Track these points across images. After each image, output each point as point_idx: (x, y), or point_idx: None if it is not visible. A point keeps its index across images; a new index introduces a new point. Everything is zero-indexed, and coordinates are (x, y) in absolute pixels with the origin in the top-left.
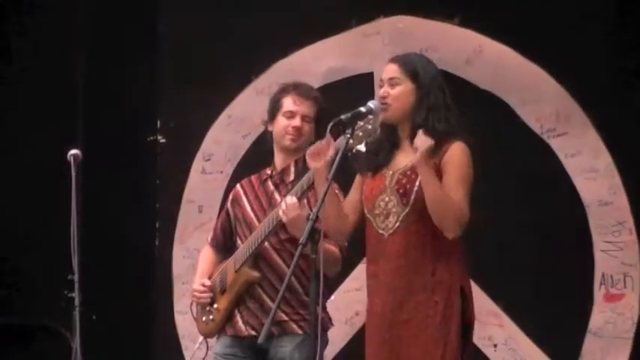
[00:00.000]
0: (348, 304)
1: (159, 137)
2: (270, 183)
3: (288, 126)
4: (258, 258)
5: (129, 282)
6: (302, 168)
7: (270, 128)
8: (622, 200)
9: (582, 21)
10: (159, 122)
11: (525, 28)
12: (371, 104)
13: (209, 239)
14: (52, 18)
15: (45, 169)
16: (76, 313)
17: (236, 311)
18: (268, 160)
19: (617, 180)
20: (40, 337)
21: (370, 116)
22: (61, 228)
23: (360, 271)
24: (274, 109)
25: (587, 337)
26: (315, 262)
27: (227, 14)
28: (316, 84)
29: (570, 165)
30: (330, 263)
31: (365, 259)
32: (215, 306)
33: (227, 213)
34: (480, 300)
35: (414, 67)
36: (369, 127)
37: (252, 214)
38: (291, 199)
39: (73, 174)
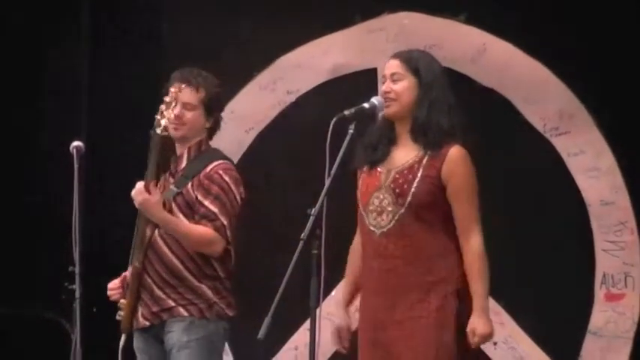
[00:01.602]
0: None
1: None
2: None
3: (170, 114)
4: (148, 249)
5: None
6: (194, 155)
7: None
8: (624, 200)
9: (586, 20)
10: None
11: (530, 27)
12: (374, 100)
13: None
14: (56, 11)
15: (48, 160)
16: (77, 305)
17: (138, 305)
18: (271, 155)
19: (619, 180)
20: (41, 328)
21: None
22: (62, 219)
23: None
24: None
25: (587, 337)
26: (316, 258)
27: (230, 8)
28: (320, 79)
29: (572, 164)
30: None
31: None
32: (122, 301)
33: None
34: None
35: (416, 62)
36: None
37: None
38: (139, 184)
39: (76, 166)
